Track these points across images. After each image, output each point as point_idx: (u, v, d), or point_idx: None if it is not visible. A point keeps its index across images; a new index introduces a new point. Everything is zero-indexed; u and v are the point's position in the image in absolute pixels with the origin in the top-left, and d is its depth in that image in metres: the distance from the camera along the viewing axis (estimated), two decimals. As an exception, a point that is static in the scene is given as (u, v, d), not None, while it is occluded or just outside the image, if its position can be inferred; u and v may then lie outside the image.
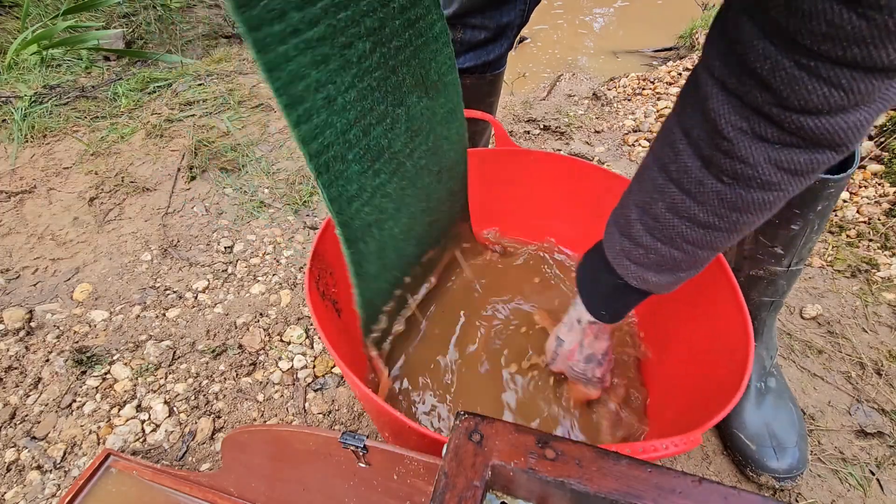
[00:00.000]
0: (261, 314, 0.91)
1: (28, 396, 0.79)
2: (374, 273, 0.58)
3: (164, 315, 0.91)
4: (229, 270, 1.00)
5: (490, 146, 1.21)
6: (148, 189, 1.13)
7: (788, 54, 0.32)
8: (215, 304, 0.93)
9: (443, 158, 0.64)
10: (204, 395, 0.80)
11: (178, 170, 1.18)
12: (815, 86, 0.32)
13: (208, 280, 0.97)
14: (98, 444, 0.74)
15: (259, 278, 0.98)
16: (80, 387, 0.80)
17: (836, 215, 1.14)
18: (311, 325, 0.90)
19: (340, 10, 0.42)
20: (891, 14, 0.28)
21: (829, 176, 0.58)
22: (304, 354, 0.86)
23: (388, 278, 0.62)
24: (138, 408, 0.78)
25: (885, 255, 1.03)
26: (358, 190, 0.50)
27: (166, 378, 0.82)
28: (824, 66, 0.31)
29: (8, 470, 0.71)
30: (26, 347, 0.85)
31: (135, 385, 0.81)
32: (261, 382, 0.82)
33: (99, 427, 0.75)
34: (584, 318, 0.58)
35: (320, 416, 0.78)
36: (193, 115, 1.33)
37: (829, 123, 0.33)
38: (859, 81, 0.31)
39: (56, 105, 1.32)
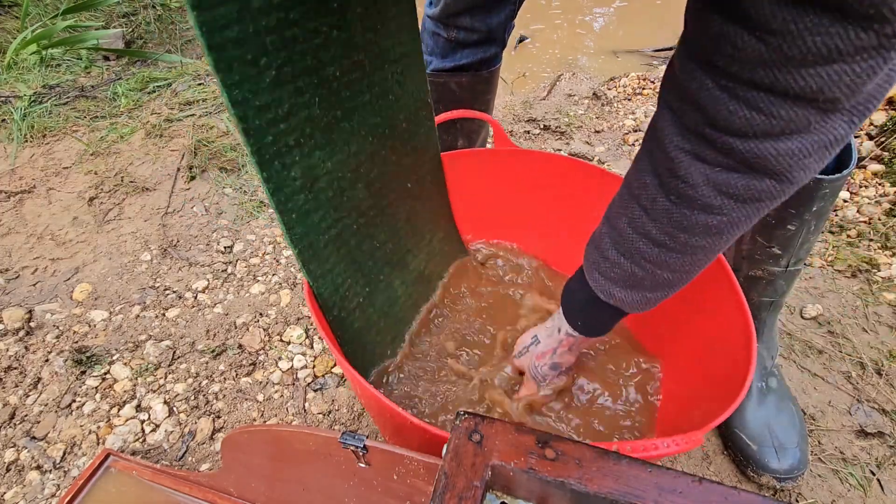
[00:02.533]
0: (260, 314, 0.91)
1: (28, 396, 0.79)
2: (304, 207, 0.52)
3: (163, 315, 0.91)
4: (229, 270, 1.00)
5: (489, 146, 1.21)
6: (147, 189, 1.13)
7: (710, 75, 0.33)
8: (215, 304, 0.93)
9: (396, 106, 0.60)
10: (204, 395, 0.80)
11: (178, 169, 1.18)
12: (735, 107, 0.33)
13: (208, 280, 0.97)
14: (98, 444, 0.74)
15: (259, 278, 0.98)
16: (80, 387, 0.80)
17: (836, 215, 1.14)
18: (311, 324, 0.90)
19: None
20: (784, 39, 0.28)
21: (822, 176, 0.58)
22: (303, 354, 0.85)
23: (326, 218, 0.56)
24: (138, 408, 0.78)
25: (885, 255, 1.03)
26: (272, 101, 0.45)
27: (166, 378, 0.82)
28: (739, 88, 0.32)
29: (7, 470, 0.71)
30: (26, 347, 0.85)
31: (134, 385, 0.80)
32: (261, 382, 0.82)
33: (98, 427, 0.75)
34: (564, 328, 0.59)
35: (320, 416, 0.78)
36: (193, 115, 1.33)
37: (759, 148, 0.34)
38: (779, 107, 0.31)
39: (55, 105, 1.32)
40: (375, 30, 0.54)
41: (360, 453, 0.45)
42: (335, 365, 0.85)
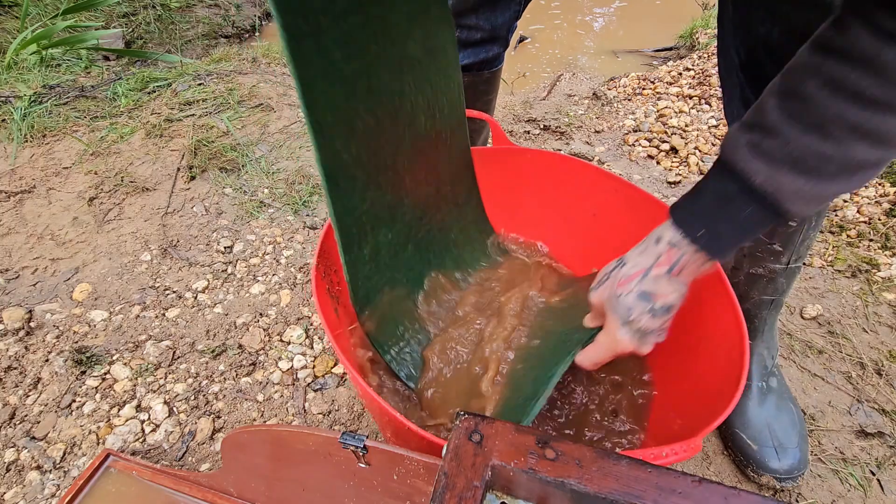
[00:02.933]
0: (260, 314, 0.91)
1: (28, 396, 0.79)
2: (368, 275, 0.61)
3: (163, 315, 0.91)
4: (229, 270, 1.00)
5: (488, 146, 1.21)
6: (147, 189, 1.13)
7: None
8: (215, 304, 0.93)
9: (443, 175, 0.69)
10: (204, 395, 0.80)
11: (178, 169, 1.18)
12: None
13: (208, 280, 0.97)
14: (98, 444, 0.74)
15: (259, 278, 0.98)
16: (80, 387, 0.80)
17: (836, 215, 1.14)
18: (311, 325, 0.90)
19: None
20: None
21: None
22: (303, 354, 0.85)
23: (381, 279, 0.64)
24: (138, 408, 0.78)
25: (885, 255, 1.03)
26: (360, 202, 0.56)
27: (166, 378, 0.82)
28: None
29: (7, 470, 0.71)
30: (26, 347, 0.85)
31: (134, 385, 0.80)
32: (261, 382, 0.82)
33: (98, 427, 0.75)
34: (667, 236, 0.45)
35: (320, 416, 0.78)
36: (193, 115, 1.33)
37: None
38: None
39: (55, 105, 1.32)
40: (434, 117, 0.63)
41: (360, 453, 0.45)
42: (335, 365, 0.85)
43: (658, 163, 1.37)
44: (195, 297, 0.94)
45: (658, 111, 1.58)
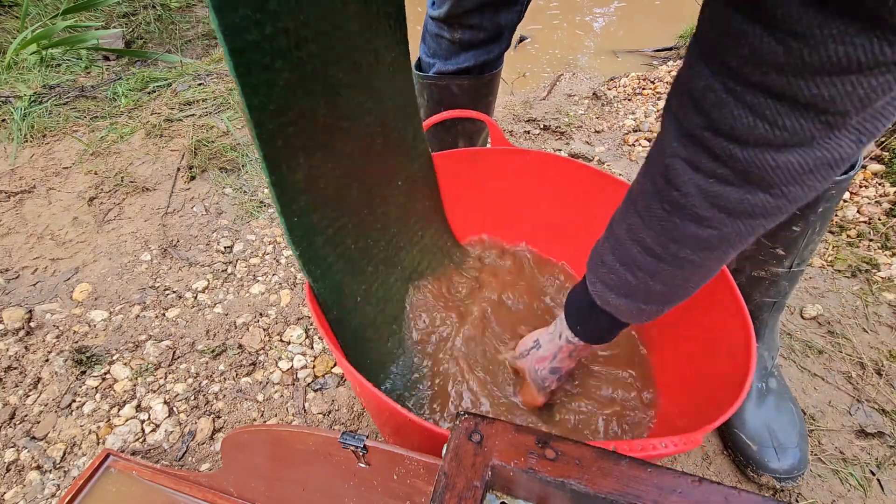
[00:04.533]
0: (261, 314, 0.91)
1: (28, 396, 0.79)
2: (306, 208, 0.56)
3: (163, 315, 0.91)
4: (229, 270, 1.00)
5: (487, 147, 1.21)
6: (147, 189, 1.13)
7: (718, 77, 0.33)
8: (215, 304, 0.93)
9: (386, 106, 0.62)
10: (204, 395, 0.80)
11: (178, 169, 1.18)
12: (740, 112, 0.32)
13: (208, 280, 0.97)
14: (98, 444, 0.74)
15: (259, 278, 0.98)
16: (80, 387, 0.80)
17: (836, 215, 1.14)
18: (311, 324, 0.90)
19: None
20: (805, 44, 0.27)
21: None
22: (303, 354, 0.85)
23: (324, 219, 0.59)
24: (138, 408, 0.78)
25: (885, 255, 1.03)
26: (285, 104, 0.47)
27: (166, 378, 0.82)
28: (747, 92, 0.31)
29: (7, 470, 0.71)
30: (26, 347, 0.85)
31: (134, 385, 0.80)
32: (261, 382, 0.82)
33: (98, 427, 0.75)
34: (565, 333, 0.59)
35: (320, 416, 0.78)
36: (193, 115, 1.33)
37: (759, 158, 0.33)
38: (785, 116, 0.31)
39: (55, 105, 1.32)
40: (371, 29, 0.55)
41: (360, 453, 0.45)
42: (335, 365, 0.85)
43: (658, 163, 1.37)
44: (195, 297, 0.94)
45: (658, 111, 1.58)
